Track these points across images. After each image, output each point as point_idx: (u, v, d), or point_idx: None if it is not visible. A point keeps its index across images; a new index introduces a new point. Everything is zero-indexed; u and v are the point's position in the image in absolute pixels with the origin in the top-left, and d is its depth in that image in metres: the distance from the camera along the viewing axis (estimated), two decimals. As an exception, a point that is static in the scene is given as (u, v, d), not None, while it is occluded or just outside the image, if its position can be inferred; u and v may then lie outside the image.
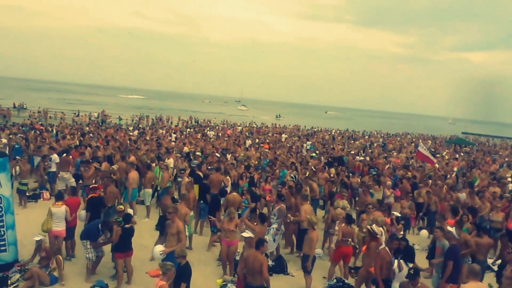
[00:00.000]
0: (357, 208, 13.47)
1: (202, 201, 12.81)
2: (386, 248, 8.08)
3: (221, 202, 12.20)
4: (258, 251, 7.53)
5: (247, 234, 8.53)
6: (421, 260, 10.95)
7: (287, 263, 10.73)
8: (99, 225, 9.27)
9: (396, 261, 7.57)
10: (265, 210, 13.92)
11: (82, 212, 10.57)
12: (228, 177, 14.97)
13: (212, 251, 11.46)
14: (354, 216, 12.52)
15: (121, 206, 10.13)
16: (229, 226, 9.79)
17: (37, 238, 9.34)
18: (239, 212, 12.06)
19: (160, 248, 8.64)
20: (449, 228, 9.02)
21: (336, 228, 10.72)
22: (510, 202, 14.21)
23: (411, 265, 7.62)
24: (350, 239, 9.80)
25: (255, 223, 10.02)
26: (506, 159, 33.69)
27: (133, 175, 13.71)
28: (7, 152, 16.03)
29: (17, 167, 14.94)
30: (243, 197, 12.66)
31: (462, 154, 35.97)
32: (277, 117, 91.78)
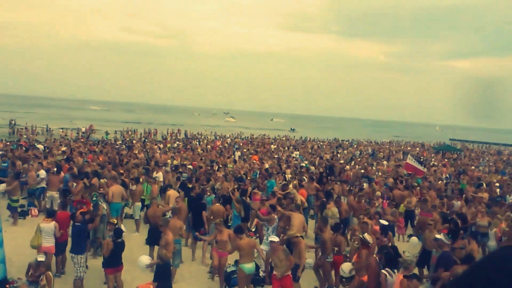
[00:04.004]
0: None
1: (191, 214, 12.69)
2: (376, 257, 8.09)
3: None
4: None
5: (274, 238, 8.60)
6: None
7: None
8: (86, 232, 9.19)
9: (381, 272, 7.52)
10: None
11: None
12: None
13: (203, 263, 11.39)
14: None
15: (114, 220, 10.11)
16: (222, 237, 9.72)
17: (41, 259, 8.65)
18: (229, 224, 12.00)
19: (146, 260, 8.59)
20: (437, 235, 9.01)
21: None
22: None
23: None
24: (336, 248, 9.72)
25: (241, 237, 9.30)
26: (491, 164, 34.16)
27: (113, 189, 13.17)
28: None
29: (3, 185, 14.77)
30: (232, 209, 12.65)
31: (446, 160, 36.43)
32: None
